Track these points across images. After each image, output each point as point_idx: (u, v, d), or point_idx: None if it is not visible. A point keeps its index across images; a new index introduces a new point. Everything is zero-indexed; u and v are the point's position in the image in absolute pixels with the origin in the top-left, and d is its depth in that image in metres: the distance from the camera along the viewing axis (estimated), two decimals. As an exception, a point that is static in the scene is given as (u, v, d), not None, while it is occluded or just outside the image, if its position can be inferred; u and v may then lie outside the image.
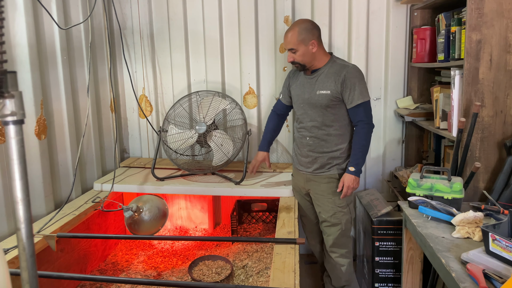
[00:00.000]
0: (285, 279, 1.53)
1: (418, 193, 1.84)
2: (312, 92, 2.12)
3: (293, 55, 2.09)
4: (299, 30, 2.06)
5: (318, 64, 2.13)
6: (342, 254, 2.24)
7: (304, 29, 2.07)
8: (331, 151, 2.14)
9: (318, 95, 2.09)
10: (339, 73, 2.06)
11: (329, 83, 2.07)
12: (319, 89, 2.09)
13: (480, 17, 1.83)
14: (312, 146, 2.17)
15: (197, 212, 3.01)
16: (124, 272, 2.43)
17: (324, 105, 2.09)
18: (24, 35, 2.02)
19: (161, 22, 2.94)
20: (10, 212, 1.94)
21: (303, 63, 2.11)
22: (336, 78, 2.06)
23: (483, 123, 1.90)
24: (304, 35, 2.06)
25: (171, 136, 2.64)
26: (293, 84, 2.26)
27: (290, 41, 2.07)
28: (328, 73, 2.09)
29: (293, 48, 2.07)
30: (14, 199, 0.65)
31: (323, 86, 2.09)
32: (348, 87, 2.04)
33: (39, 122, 2.14)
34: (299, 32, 2.06)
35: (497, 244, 1.29)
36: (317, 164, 2.18)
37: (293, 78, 2.28)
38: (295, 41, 2.06)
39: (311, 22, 2.13)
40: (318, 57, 2.12)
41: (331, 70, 2.10)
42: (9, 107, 0.62)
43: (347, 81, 2.04)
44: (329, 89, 2.07)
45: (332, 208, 2.18)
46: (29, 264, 0.64)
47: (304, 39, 2.06)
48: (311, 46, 2.07)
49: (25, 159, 0.65)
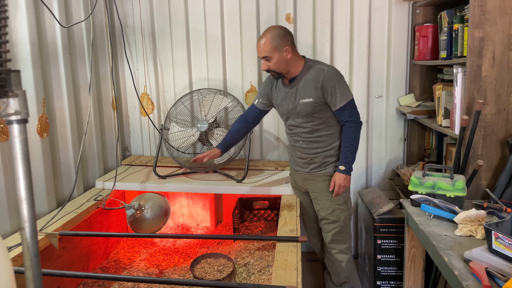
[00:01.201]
0: (287, 277, 1.53)
1: (421, 191, 1.83)
2: (295, 101, 2.08)
3: (267, 63, 2.02)
4: (272, 37, 1.99)
5: (294, 71, 2.08)
6: (341, 250, 2.24)
7: (277, 35, 2.00)
8: (326, 150, 2.15)
9: (302, 104, 2.06)
10: (317, 78, 2.02)
11: (309, 91, 2.04)
12: (301, 98, 2.05)
13: (482, 15, 1.83)
14: (306, 149, 2.17)
15: (199, 210, 3.01)
16: (126, 270, 2.44)
17: (309, 113, 2.07)
18: (26, 33, 2.02)
19: (163, 20, 2.93)
20: (13, 210, 1.95)
21: (279, 71, 2.05)
22: (315, 84, 2.02)
23: (485, 120, 1.89)
24: (277, 42, 1.99)
25: (172, 134, 2.64)
26: (274, 94, 2.20)
27: (264, 49, 2.00)
28: (306, 80, 2.05)
29: (267, 55, 2.00)
30: (18, 198, 0.65)
31: (305, 94, 2.05)
32: (329, 91, 2.01)
33: (41, 120, 2.14)
34: (272, 39, 1.99)
35: (500, 242, 1.29)
36: (314, 164, 2.18)
37: (273, 88, 2.21)
38: (268, 48, 1.99)
39: (283, 28, 2.06)
40: (293, 64, 2.06)
41: (309, 76, 2.05)
42: (13, 106, 0.62)
43: (326, 86, 2.01)
44: (311, 96, 2.03)
45: (330, 206, 2.18)
46: (33, 263, 0.64)
47: (277, 46, 1.99)
48: (285, 52, 2.01)
49: (29, 158, 0.65)
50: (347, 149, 2.10)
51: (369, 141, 2.92)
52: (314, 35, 2.81)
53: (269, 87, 2.23)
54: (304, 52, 2.83)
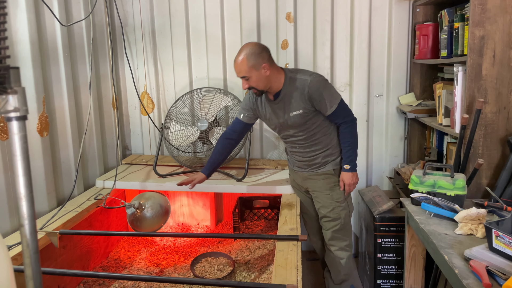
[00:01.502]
0: (287, 276, 1.53)
1: (421, 190, 1.83)
2: (286, 115, 2.06)
3: (247, 82, 1.99)
4: (248, 56, 1.94)
5: (276, 86, 2.03)
6: (341, 248, 2.24)
7: (253, 54, 1.95)
8: (324, 151, 2.15)
9: (293, 116, 2.04)
10: (302, 90, 1.99)
11: (297, 103, 2.02)
12: (291, 111, 2.04)
13: (483, 13, 1.82)
14: (304, 153, 2.18)
15: (199, 209, 3.01)
16: (127, 269, 2.44)
17: (302, 123, 2.06)
18: (26, 32, 2.02)
19: (163, 19, 2.93)
20: (13, 209, 1.95)
21: (260, 89, 2.01)
22: (302, 96, 2.00)
23: (486, 119, 1.89)
24: (254, 60, 1.94)
25: (173, 133, 2.64)
26: (261, 110, 2.16)
27: (241, 69, 1.96)
28: (291, 93, 2.02)
29: (245, 75, 1.97)
30: (18, 195, 0.64)
31: (293, 107, 2.02)
32: (317, 99, 1.99)
33: (41, 119, 2.14)
34: (248, 59, 1.94)
35: (500, 240, 1.29)
36: (313, 165, 2.18)
37: (258, 104, 2.16)
38: (246, 68, 1.95)
39: (258, 44, 2.02)
40: (274, 79, 2.01)
41: (292, 88, 2.01)
42: (12, 103, 0.62)
43: (313, 96, 1.98)
44: (300, 108, 2.02)
45: (331, 204, 2.18)
46: (33, 261, 0.64)
47: (254, 64, 1.95)
48: (263, 70, 1.96)
49: (28, 155, 0.65)
50: (347, 148, 2.11)
51: (370, 140, 2.92)
52: (315, 34, 2.81)
53: (253, 102, 2.17)
54: (305, 51, 2.84)
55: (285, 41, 2.83)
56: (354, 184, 2.15)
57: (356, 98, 2.86)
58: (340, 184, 2.16)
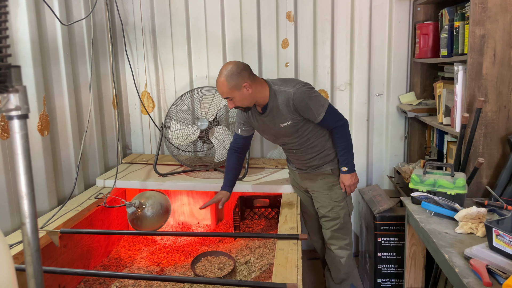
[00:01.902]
0: (287, 275, 1.53)
1: (421, 189, 1.83)
2: (276, 126, 2.07)
3: (231, 102, 1.99)
4: (227, 78, 1.92)
5: (262, 100, 2.02)
6: (341, 246, 2.24)
7: (231, 75, 1.92)
8: (320, 153, 2.15)
9: (283, 127, 2.05)
10: (287, 103, 1.98)
11: (285, 115, 2.01)
12: (280, 123, 2.04)
13: (483, 12, 1.82)
14: (301, 156, 2.18)
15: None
16: (127, 268, 2.44)
17: (293, 131, 2.07)
18: (26, 31, 2.02)
19: (163, 18, 2.93)
20: (14, 208, 1.95)
21: (246, 106, 2.01)
22: (288, 109, 1.99)
23: (486, 118, 1.89)
24: (233, 81, 1.92)
25: (173, 132, 2.64)
26: (254, 122, 2.16)
27: (223, 91, 1.96)
28: (278, 106, 2.00)
29: (228, 96, 1.97)
30: (19, 193, 0.65)
31: (282, 119, 2.02)
32: (304, 110, 1.99)
33: (42, 118, 2.14)
34: (228, 81, 1.92)
35: (500, 239, 1.29)
36: (311, 166, 2.19)
37: (250, 117, 2.16)
38: (227, 90, 1.94)
39: (237, 64, 1.97)
40: (258, 95, 2.00)
41: (279, 101, 1.99)
42: (14, 101, 0.62)
43: (299, 108, 1.98)
44: (289, 119, 2.02)
45: (330, 203, 2.19)
46: (34, 259, 0.64)
47: (235, 85, 1.93)
48: (245, 89, 1.94)
49: (30, 154, 0.66)
50: (342, 151, 2.11)
51: (370, 139, 2.92)
52: (315, 33, 2.81)
53: (246, 116, 2.17)
54: (305, 51, 2.84)
55: (285, 40, 2.83)
56: (354, 184, 2.16)
57: (356, 97, 2.86)
58: (341, 186, 2.17)
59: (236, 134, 2.25)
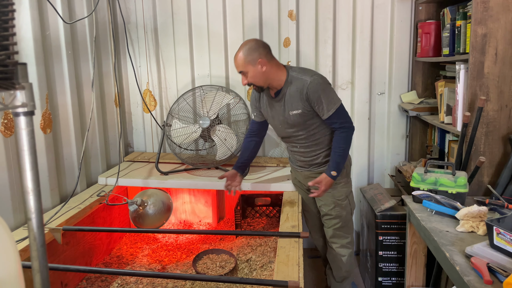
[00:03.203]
0: (289, 272, 1.54)
1: (422, 188, 1.84)
2: (285, 113, 2.07)
3: (244, 78, 2.02)
4: (244, 52, 1.97)
5: (277, 83, 2.03)
6: (342, 245, 2.25)
7: (249, 49, 1.98)
8: (324, 151, 2.15)
9: (292, 115, 2.05)
10: (301, 90, 1.98)
11: (296, 103, 2.01)
12: (290, 110, 2.04)
13: (485, 11, 1.82)
14: (304, 153, 2.17)
15: (201, 206, 3.02)
16: (129, 266, 2.45)
17: (302, 122, 2.06)
18: (29, 29, 2.03)
19: (165, 17, 2.93)
20: (16, 206, 1.96)
21: (258, 85, 2.02)
22: (300, 96, 1.99)
23: (488, 117, 1.89)
24: (250, 56, 1.97)
25: (175, 130, 2.64)
26: (263, 107, 2.19)
27: (238, 64, 2.00)
28: (291, 93, 2.01)
29: (242, 70, 2.00)
30: (25, 189, 0.65)
31: (293, 106, 2.03)
32: (315, 102, 1.98)
33: (45, 116, 2.15)
34: (245, 54, 1.97)
35: (501, 238, 1.29)
36: (314, 164, 2.19)
37: (260, 101, 2.19)
38: (242, 63, 1.98)
39: (257, 41, 2.03)
40: (272, 76, 2.02)
41: (293, 88, 2.00)
42: (20, 98, 0.63)
43: (311, 97, 1.97)
44: (299, 108, 2.02)
45: (332, 202, 2.19)
46: (40, 254, 0.65)
47: (250, 60, 1.97)
48: (259, 65, 1.97)
49: (36, 150, 0.66)
50: (338, 154, 2.05)
51: (371, 138, 2.93)
52: (317, 32, 2.82)
53: (257, 100, 2.21)
54: (307, 49, 2.84)
55: (287, 39, 2.84)
56: (326, 190, 2.09)
57: (358, 96, 2.87)
58: (316, 180, 2.08)
59: (252, 120, 2.33)
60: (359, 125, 2.90)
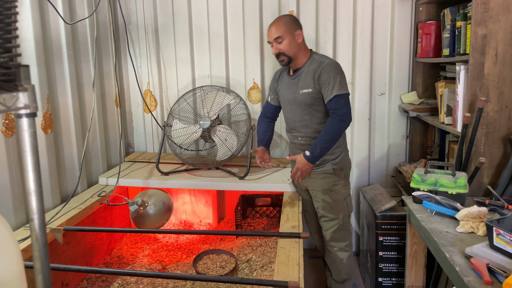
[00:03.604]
0: (289, 272, 1.54)
1: (423, 188, 1.84)
2: (296, 92, 2.12)
3: (279, 46, 2.06)
4: (286, 20, 2.09)
5: (300, 60, 2.12)
6: (341, 248, 2.25)
7: (291, 19, 2.11)
8: None
9: (301, 94, 2.09)
10: (316, 69, 2.05)
11: (308, 82, 2.07)
12: (301, 88, 2.09)
13: (485, 12, 1.83)
14: (304, 146, 2.18)
15: (201, 206, 3.02)
16: (129, 266, 2.46)
17: (308, 103, 2.09)
18: (30, 30, 2.03)
19: (166, 17, 2.94)
20: (17, 206, 1.96)
21: (289, 54, 2.08)
22: (314, 75, 2.05)
23: (488, 118, 1.90)
24: (290, 24, 2.08)
25: (175, 131, 2.65)
26: (279, 86, 2.26)
27: (277, 30, 2.05)
28: (307, 72, 2.09)
29: (280, 36, 2.05)
30: (27, 190, 0.66)
31: (304, 85, 2.08)
32: (325, 82, 2.01)
33: (46, 116, 2.16)
34: (285, 22, 2.07)
35: (501, 238, 1.30)
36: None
37: (279, 80, 2.28)
38: (282, 29, 2.05)
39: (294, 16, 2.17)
40: (302, 52, 2.11)
41: (310, 68, 2.08)
42: (22, 100, 0.64)
43: (322, 76, 2.01)
44: (310, 87, 2.06)
45: (329, 203, 2.19)
46: (42, 254, 0.65)
47: (291, 28, 2.07)
48: (297, 36, 2.08)
49: (38, 151, 0.67)
50: (321, 139, 1.98)
51: (372, 138, 2.93)
52: (317, 32, 2.82)
53: (275, 80, 2.30)
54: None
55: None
56: (304, 172, 2.03)
57: (358, 96, 2.87)
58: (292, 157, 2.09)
59: (267, 102, 2.39)
60: (360, 125, 2.90)
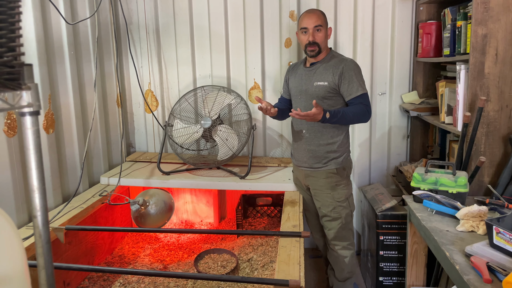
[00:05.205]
0: (290, 271, 1.55)
1: (423, 187, 1.85)
2: (310, 83, 2.15)
3: (316, 34, 2.10)
4: (323, 13, 2.16)
5: (322, 55, 2.17)
6: (344, 247, 2.26)
7: (324, 15, 2.18)
8: (328, 144, 2.15)
9: (316, 86, 2.13)
10: (338, 65, 2.10)
11: (326, 75, 2.11)
12: (317, 80, 2.13)
13: (486, 12, 1.83)
14: (308, 139, 2.18)
15: (202, 206, 3.03)
16: (131, 265, 2.46)
17: (320, 96, 2.12)
18: (32, 30, 2.04)
19: (167, 17, 2.95)
20: (20, 205, 1.97)
21: (322, 46, 2.13)
22: (334, 70, 2.09)
23: (488, 117, 1.90)
24: (326, 19, 2.17)
25: (176, 130, 2.66)
26: (291, 77, 2.30)
27: (319, 19, 2.11)
28: (326, 66, 2.13)
29: (321, 25, 2.11)
30: (30, 187, 0.67)
31: (321, 77, 2.12)
32: (347, 79, 2.07)
33: (47, 116, 2.17)
34: (324, 15, 2.15)
35: (501, 237, 1.30)
36: (315, 158, 2.19)
37: (291, 71, 2.32)
38: (322, 19, 2.13)
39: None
40: (327, 47, 2.19)
41: (330, 63, 2.14)
42: (26, 98, 0.64)
43: (345, 74, 2.08)
44: (327, 80, 2.10)
45: (332, 203, 2.19)
46: (45, 251, 0.66)
47: (327, 22, 2.17)
48: (329, 31, 2.19)
49: (41, 149, 0.68)
50: (346, 112, 2.01)
51: (372, 137, 2.93)
52: (318, 32, 2.82)
53: (289, 71, 2.35)
54: (308, 49, 2.84)
55: (288, 39, 2.85)
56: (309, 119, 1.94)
57: (359, 96, 2.87)
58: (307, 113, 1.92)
59: (281, 96, 2.45)
60: (360, 125, 2.91)
